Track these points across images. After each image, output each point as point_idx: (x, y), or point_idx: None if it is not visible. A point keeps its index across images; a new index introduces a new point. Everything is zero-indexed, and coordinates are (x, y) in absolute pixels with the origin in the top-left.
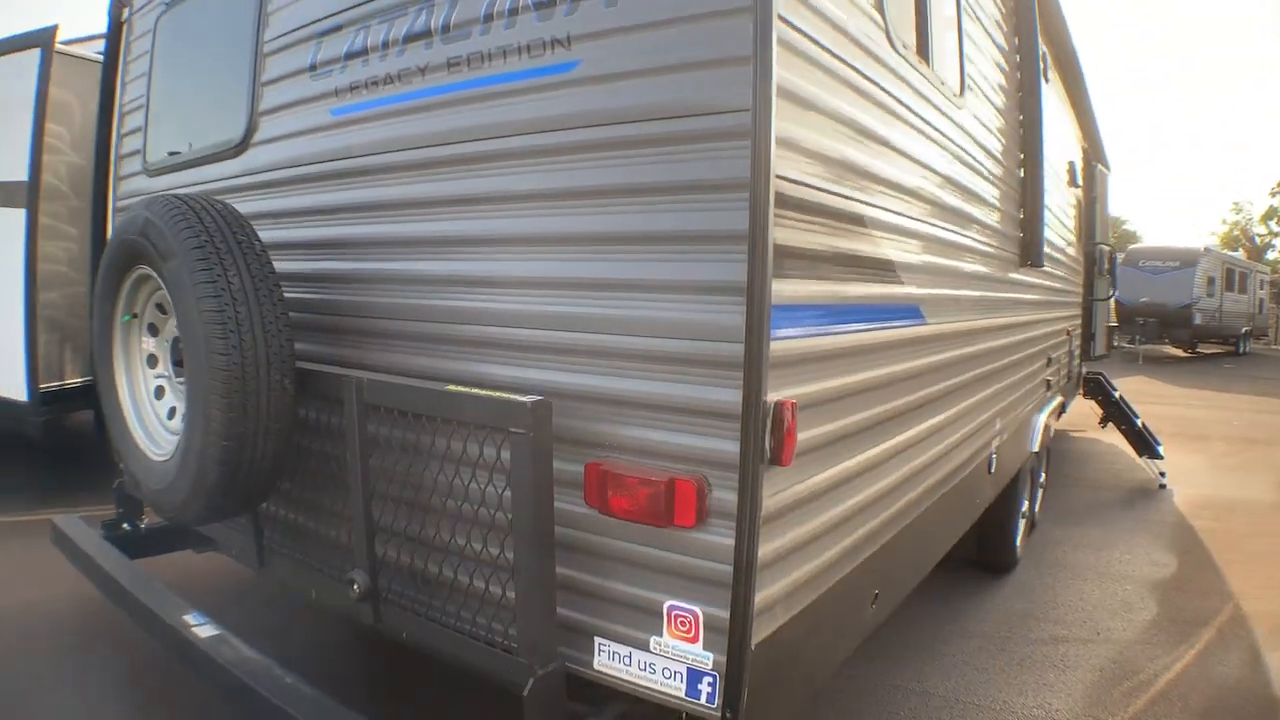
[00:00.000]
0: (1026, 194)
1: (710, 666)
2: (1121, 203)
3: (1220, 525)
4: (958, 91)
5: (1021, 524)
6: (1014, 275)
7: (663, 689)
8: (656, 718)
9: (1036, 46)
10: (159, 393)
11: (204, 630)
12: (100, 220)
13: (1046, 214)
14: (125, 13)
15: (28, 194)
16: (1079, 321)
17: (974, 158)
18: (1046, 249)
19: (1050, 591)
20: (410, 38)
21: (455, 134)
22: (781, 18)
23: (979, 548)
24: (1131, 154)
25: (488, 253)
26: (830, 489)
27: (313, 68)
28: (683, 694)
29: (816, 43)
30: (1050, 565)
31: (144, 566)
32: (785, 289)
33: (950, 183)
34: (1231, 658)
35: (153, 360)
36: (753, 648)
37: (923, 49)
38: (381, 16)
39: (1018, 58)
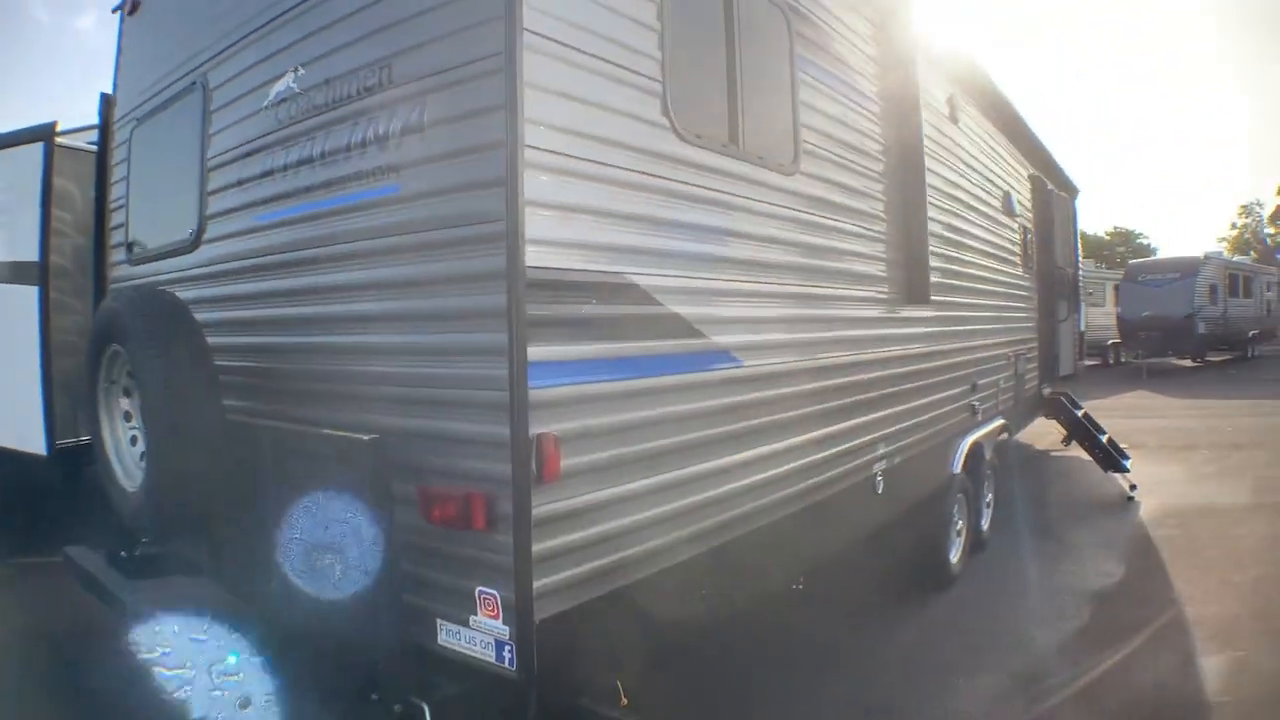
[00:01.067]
0: (909, 238)
1: (508, 638)
2: (1135, 215)
3: (1181, 533)
4: (790, 160)
5: (958, 541)
6: (902, 312)
7: (481, 656)
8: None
9: (917, 97)
10: (133, 440)
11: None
12: (100, 298)
13: (953, 251)
14: (114, 113)
15: (39, 273)
16: (1032, 345)
17: (816, 215)
18: (956, 282)
19: (983, 605)
20: (300, 163)
21: (322, 238)
22: (531, 146)
23: (909, 564)
24: (1146, 164)
25: (345, 328)
26: (615, 502)
27: (240, 183)
28: (493, 660)
29: (573, 157)
30: (990, 581)
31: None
32: (542, 351)
33: (776, 242)
34: (1160, 663)
35: (128, 416)
36: (536, 623)
37: (734, 135)
38: (281, 145)
39: (895, 109)
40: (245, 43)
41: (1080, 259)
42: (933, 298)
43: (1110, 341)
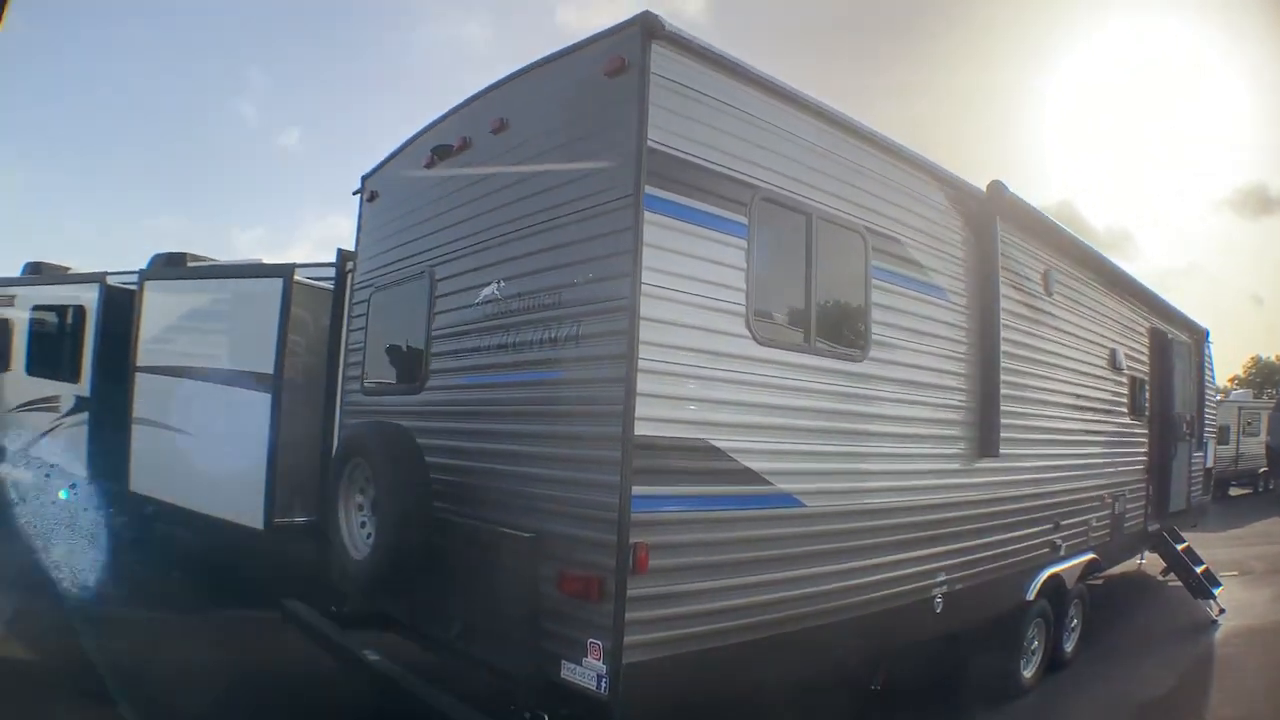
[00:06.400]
0: (982, 401)
1: (605, 673)
2: None
3: (1238, 652)
4: (859, 350)
5: (1034, 658)
6: (969, 464)
7: (587, 685)
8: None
9: (997, 283)
10: (362, 525)
11: (372, 656)
12: (330, 411)
13: (1032, 409)
14: (349, 265)
15: (274, 383)
16: (1137, 485)
17: (882, 391)
18: (1033, 436)
19: (1042, 713)
20: (497, 347)
21: (509, 400)
22: (643, 358)
23: (982, 674)
24: None
25: (516, 460)
26: (689, 593)
27: (454, 352)
28: (594, 688)
29: (672, 363)
30: (1057, 694)
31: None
32: (642, 489)
33: (841, 413)
34: None
35: (360, 506)
36: (624, 665)
37: (806, 336)
38: (485, 331)
39: (976, 293)
40: (463, 253)
41: (1212, 396)
42: (1003, 451)
43: (1261, 470)
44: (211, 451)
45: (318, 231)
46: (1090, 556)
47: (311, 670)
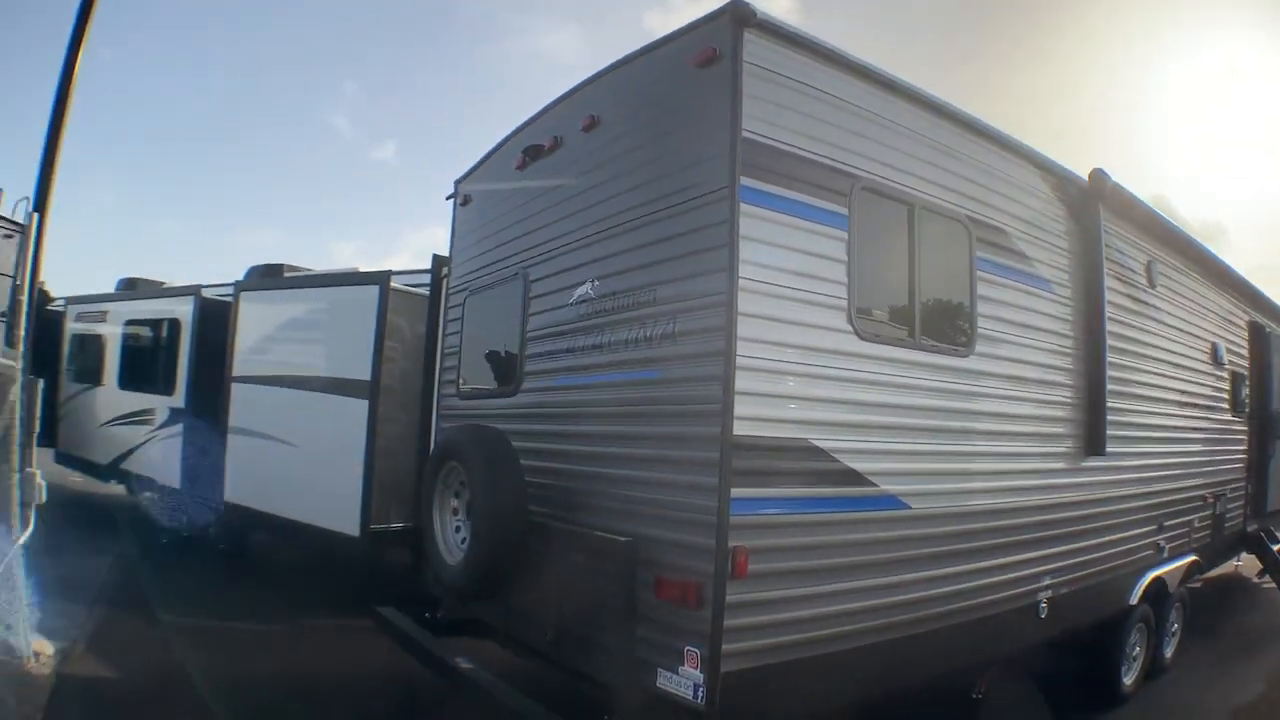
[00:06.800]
0: (1088, 398)
1: (702, 683)
2: None
3: None
4: (965, 344)
5: (1135, 665)
6: (1076, 463)
7: (683, 695)
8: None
9: (1101, 274)
10: (457, 529)
11: (465, 664)
12: (426, 414)
13: (1138, 405)
14: (443, 271)
15: (370, 389)
16: (1237, 484)
17: (988, 386)
18: (1139, 433)
19: None
20: (592, 347)
21: (604, 401)
22: (741, 355)
23: (1081, 682)
24: None
25: (612, 462)
26: (791, 599)
27: (549, 353)
28: (690, 698)
29: (772, 360)
30: (1157, 702)
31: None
32: (741, 490)
33: (948, 410)
34: None
35: (455, 511)
36: (721, 674)
37: (910, 331)
38: (580, 332)
39: (1080, 285)
40: (557, 253)
41: None
42: (1110, 449)
43: None
44: (307, 459)
45: (416, 241)
46: (1192, 559)
47: (405, 679)
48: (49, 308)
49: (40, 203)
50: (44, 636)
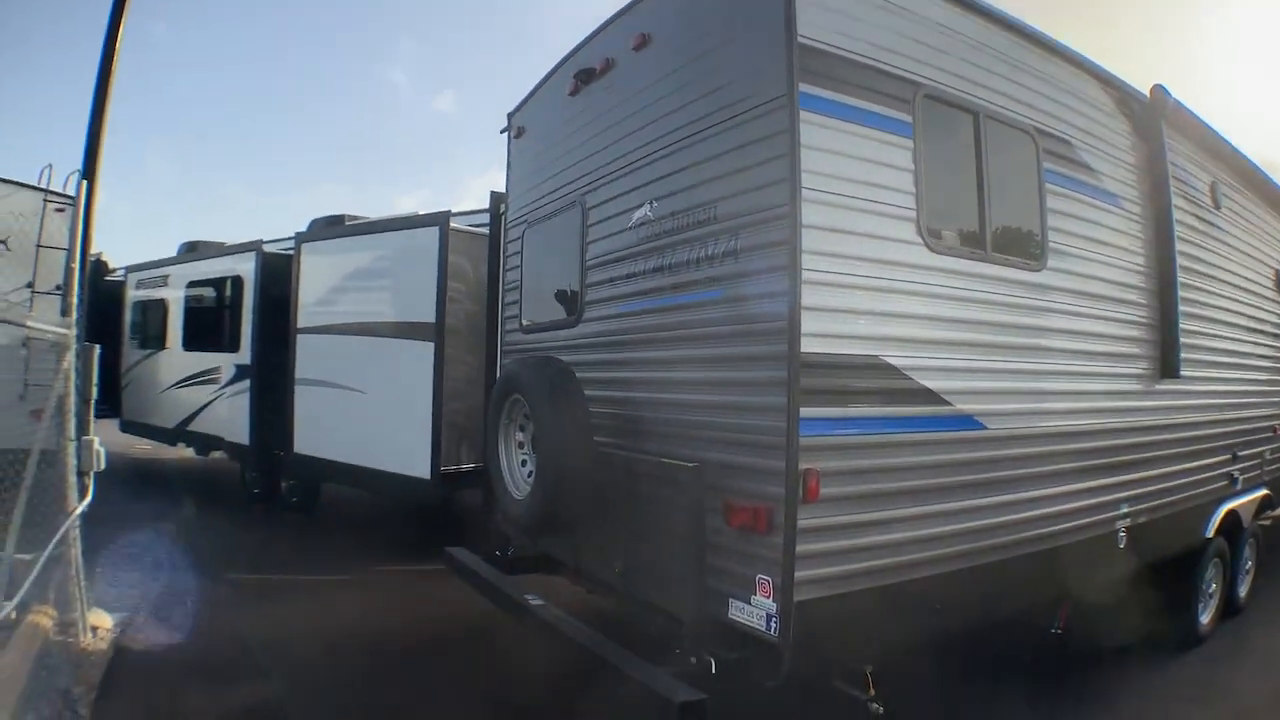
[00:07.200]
0: (1160, 318)
1: (775, 613)
2: None
3: None
4: (1036, 258)
5: (1211, 603)
6: (1150, 386)
7: (755, 626)
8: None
9: (1168, 191)
10: (523, 463)
11: (536, 602)
12: (492, 354)
13: (1208, 328)
14: (501, 207)
15: (435, 332)
16: None
17: (1062, 303)
18: (1210, 357)
19: (1227, 667)
20: (653, 270)
21: (667, 325)
22: (807, 269)
23: (1156, 619)
24: None
25: (676, 388)
26: (863, 524)
27: (610, 280)
28: (763, 629)
29: (840, 273)
30: (1235, 643)
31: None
32: (810, 411)
33: (1022, 327)
34: None
35: (521, 445)
36: (795, 603)
37: (980, 242)
38: (640, 255)
39: (1148, 202)
40: (613, 177)
41: None
42: (1183, 373)
43: None
44: (375, 405)
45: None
46: (1264, 492)
47: (477, 620)
48: (108, 278)
49: (89, 170)
50: (103, 609)
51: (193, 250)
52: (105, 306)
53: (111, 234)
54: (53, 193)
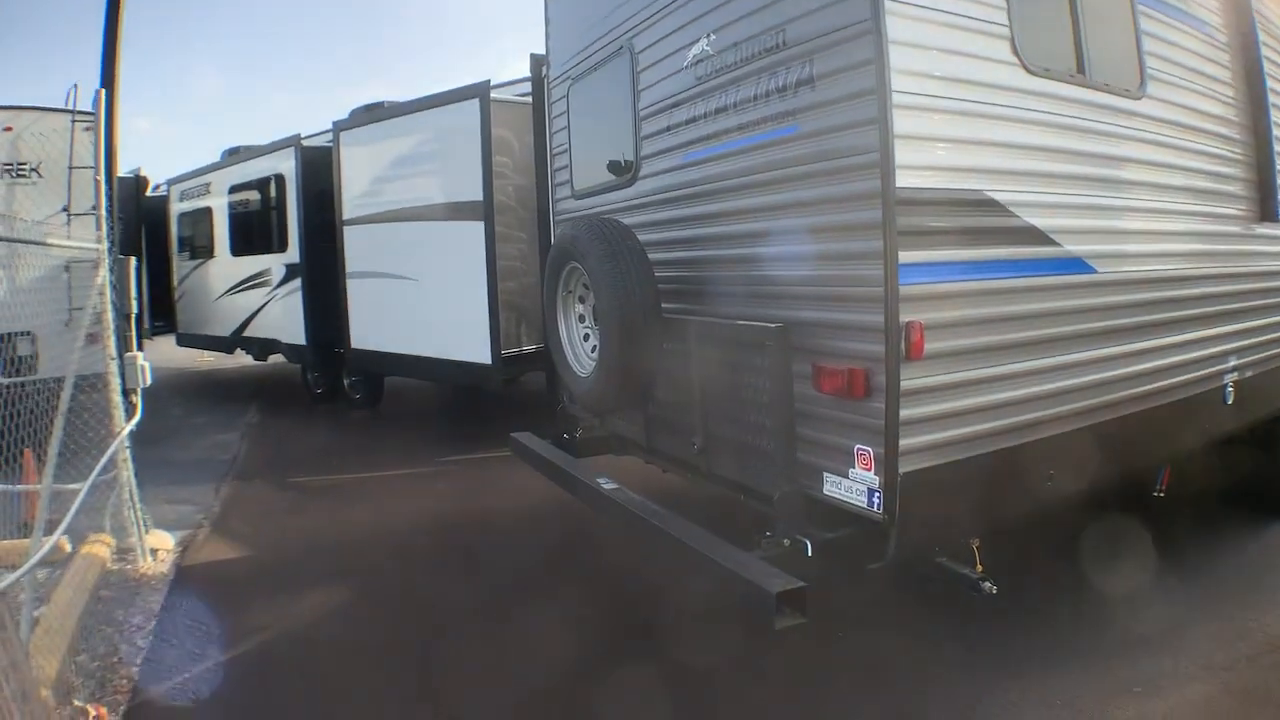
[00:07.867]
0: (1256, 157)
1: (878, 486)
2: None
3: None
4: (1135, 85)
5: None
6: (1252, 229)
7: (855, 503)
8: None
9: (1254, 27)
10: (585, 337)
11: (608, 485)
12: (545, 228)
13: None
14: (543, 70)
15: (484, 210)
16: None
17: (1164, 135)
18: None
19: None
20: (716, 111)
21: (736, 171)
22: (898, 90)
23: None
24: None
25: (753, 242)
26: (971, 382)
27: (668, 129)
28: (865, 505)
29: (934, 96)
30: None
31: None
32: (910, 255)
33: (1127, 160)
34: None
35: (581, 318)
36: (901, 475)
37: (1080, 66)
38: (700, 97)
39: (1236, 32)
40: (663, 13)
41: None
42: None
43: None
44: (429, 292)
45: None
46: None
47: (546, 507)
48: (150, 194)
49: (107, 78)
50: (164, 530)
51: (233, 154)
52: (152, 224)
53: (172, 155)
54: (80, 113)
